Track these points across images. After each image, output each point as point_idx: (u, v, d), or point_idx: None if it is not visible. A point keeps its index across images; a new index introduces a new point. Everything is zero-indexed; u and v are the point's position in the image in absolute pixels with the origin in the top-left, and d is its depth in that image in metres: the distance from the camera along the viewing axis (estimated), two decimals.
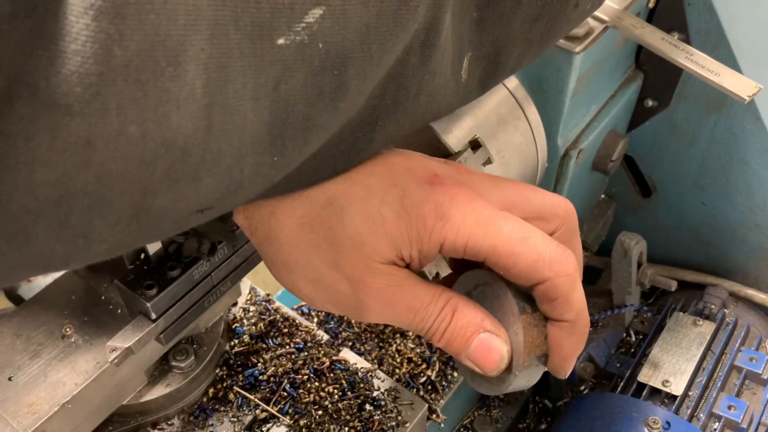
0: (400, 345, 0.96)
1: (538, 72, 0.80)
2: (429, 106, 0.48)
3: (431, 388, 0.95)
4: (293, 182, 0.44)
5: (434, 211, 0.45)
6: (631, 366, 0.92)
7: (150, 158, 0.32)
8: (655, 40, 0.76)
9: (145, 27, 0.30)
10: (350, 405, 0.84)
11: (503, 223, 0.45)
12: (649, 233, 1.09)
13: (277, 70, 0.35)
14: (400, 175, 0.48)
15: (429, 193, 0.46)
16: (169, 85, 0.31)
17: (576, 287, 0.48)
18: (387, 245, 0.46)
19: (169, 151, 0.33)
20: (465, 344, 0.47)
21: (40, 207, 0.31)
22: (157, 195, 0.34)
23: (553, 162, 0.86)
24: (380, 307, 0.47)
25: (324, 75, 0.37)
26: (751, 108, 0.90)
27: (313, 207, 0.47)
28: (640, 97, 0.98)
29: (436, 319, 0.47)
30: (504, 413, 1.13)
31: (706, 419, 0.84)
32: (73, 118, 0.29)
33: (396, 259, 0.46)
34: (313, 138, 0.40)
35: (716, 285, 1.01)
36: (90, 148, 0.30)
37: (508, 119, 0.78)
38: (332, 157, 0.44)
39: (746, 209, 0.98)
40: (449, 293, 0.47)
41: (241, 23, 0.33)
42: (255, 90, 0.35)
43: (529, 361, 0.48)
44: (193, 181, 0.35)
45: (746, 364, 0.89)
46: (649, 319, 1.01)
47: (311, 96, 0.38)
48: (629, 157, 1.06)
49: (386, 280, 0.46)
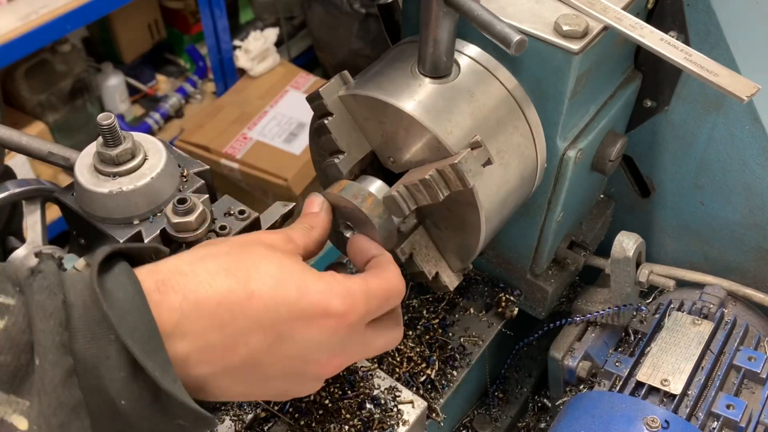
0: (400, 344, 0.96)
1: (537, 73, 0.80)
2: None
3: (431, 387, 0.95)
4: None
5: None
6: (629, 365, 0.92)
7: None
8: (654, 41, 0.76)
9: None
10: (350, 404, 0.84)
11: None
12: (647, 233, 1.09)
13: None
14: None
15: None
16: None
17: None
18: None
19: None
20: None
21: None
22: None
23: (552, 162, 0.86)
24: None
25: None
26: (749, 108, 0.90)
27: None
28: (639, 97, 0.98)
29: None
30: (503, 412, 1.14)
31: (704, 418, 0.84)
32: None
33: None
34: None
35: (715, 284, 1.01)
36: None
37: (507, 120, 0.78)
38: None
39: (745, 209, 0.99)
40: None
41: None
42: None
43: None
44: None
45: (745, 363, 0.90)
46: (648, 319, 1.01)
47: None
48: (628, 157, 1.06)
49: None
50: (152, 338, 0.51)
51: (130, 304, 0.52)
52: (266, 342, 0.57)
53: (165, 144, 0.71)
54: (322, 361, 0.62)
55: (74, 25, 2.30)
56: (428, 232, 0.81)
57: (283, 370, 0.60)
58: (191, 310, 0.54)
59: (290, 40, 3.38)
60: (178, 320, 0.54)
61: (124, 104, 2.99)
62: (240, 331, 0.56)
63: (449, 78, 0.76)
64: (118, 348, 0.50)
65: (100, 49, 3.04)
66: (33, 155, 0.75)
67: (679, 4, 0.88)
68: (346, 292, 0.60)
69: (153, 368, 0.51)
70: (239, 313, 0.56)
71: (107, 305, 0.51)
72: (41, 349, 0.49)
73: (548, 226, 0.95)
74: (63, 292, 0.51)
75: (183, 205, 0.66)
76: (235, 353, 0.56)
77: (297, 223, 0.70)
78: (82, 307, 0.51)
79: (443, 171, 0.68)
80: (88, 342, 0.50)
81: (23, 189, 0.89)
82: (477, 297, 1.06)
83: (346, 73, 0.77)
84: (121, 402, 0.51)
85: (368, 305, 0.62)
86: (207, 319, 0.55)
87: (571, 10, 0.78)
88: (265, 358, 0.58)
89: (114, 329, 0.50)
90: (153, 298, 0.53)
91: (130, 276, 0.53)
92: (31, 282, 0.51)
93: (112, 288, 0.52)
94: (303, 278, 0.59)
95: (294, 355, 0.59)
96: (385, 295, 0.64)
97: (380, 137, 0.76)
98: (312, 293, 0.58)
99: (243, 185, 2.78)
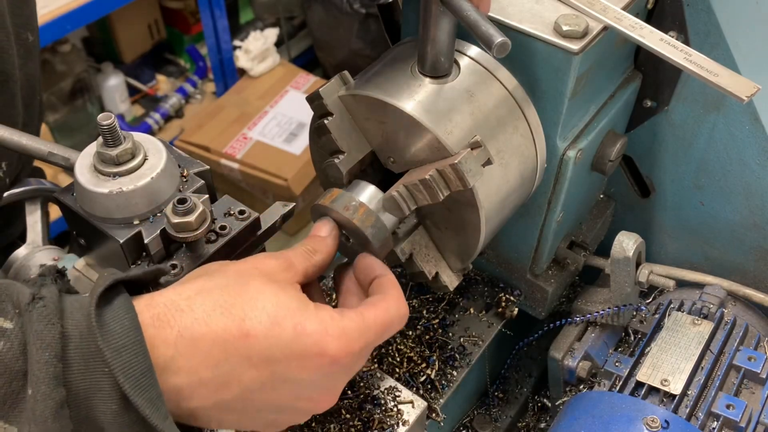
0: (400, 344, 0.96)
1: (537, 73, 0.80)
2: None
3: (431, 387, 0.95)
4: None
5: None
6: (629, 365, 0.92)
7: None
8: (653, 41, 0.76)
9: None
10: (350, 404, 0.84)
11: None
12: (647, 233, 1.09)
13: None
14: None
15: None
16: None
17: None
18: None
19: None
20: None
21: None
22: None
23: (552, 162, 0.86)
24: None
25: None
26: (749, 108, 0.90)
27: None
28: (638, 97, 0.98)
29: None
30: (503, 412, 1.14)
31: (704, 418, 0.84)
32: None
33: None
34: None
35: (715, 284, 1.01)
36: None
37: (507, 120, 0.78)
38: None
39: (745, 209, 0.99)
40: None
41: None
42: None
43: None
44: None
45: (745, 363, 0.90)
46: (648, 319, 1.01)
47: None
48: (628, 157, 1.06)
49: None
50: (146, 374, 0.52)
51: (126, 339, 0.52)
52: (259, 380, 0.58)
53: (165, 144, 0.71)
54: (315, 398, 0.63)
55: (74, 25, 2.30)
56: (428, 232, 0.81)
57: (274, 405, 0.61)
58: (186, 347, 0.55)
59: (290, 40, 3.38)
60: (173, 356, 0.55)
61: (124, 104, 2.99)
62: (234, 370, 0.57)
63: (449, 78, 0.76)
64: (111, 382, 0.51)
65: (100, 49, 3.04)
66: (33, 155, 0.75)
67: (679, 4, 0.88)
68: (341, 332, 0.60)
69: (144, 405, 0.51)
70: (233, 353, 0.56)
71: (103, 339, 0.51)
72: (35, 379, 0.49)
73: (548, 226, 0.95)
74: (61, 322, 0.51)
75: (183, 205, 0.66)
76: (228, 390, 0.57)
77: (301, 245, 0.70)
78: (78, 338, 0.51)
79: (443, 171, 0.69)
80: (82, 374, 0.51)
81: (23, 189, 0.89)
82: (477, 297, 1.06)
83: (346, 73, 0.77)
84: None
85: (366, 341, 0.62)
86: (201, 357, 0.55)
87: (571, 10, 0.78)
88: (258, 395, 0.59)
89: (108, 364, 0.51)
90: (148, 332, 0.54)
91: (129, 310, 0.54)
92: (31, 309, 0.51)
93: (109, 321, 0.53)
94: (299, 317, 0.59)
95: (287, 393, 0.60)
96: (383, 327, 0.64)
97: (380, 137, 0.76)
98: (307, 334, 0.58)
99: (243, 185, 2.78)
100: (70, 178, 0.70)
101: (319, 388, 0.62)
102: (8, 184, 0.89)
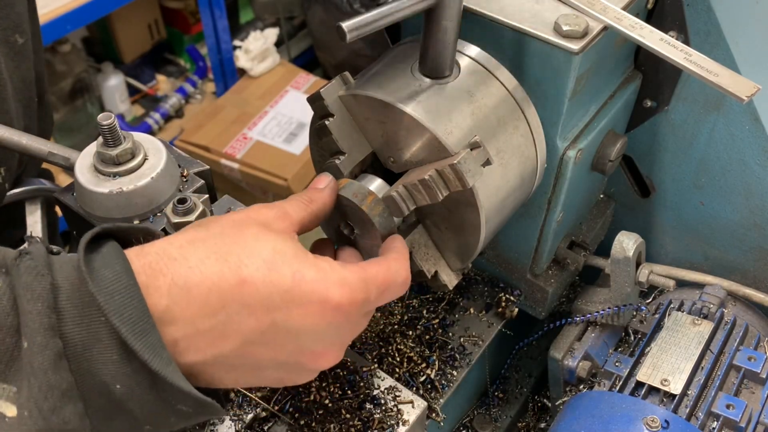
0: (400, 344, 0.96)
1: (537, 73, 0.80)
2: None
3: (431, 387, 0.95)
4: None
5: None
6: (629, 365, 0.92)
7: None
8: (653, 41, 0.76)
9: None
10: (350, 404, 0.84)
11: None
12: (647, 233, 1.09)
13: None
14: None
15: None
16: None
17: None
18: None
19: None
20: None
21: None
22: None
23: (552, 162, 0.86)
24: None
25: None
26: (749, 108, 0.90)
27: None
28: (638, 97, 0.98)
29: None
30: (503, 412, 1.14)
31: (704, 418, 0.84)
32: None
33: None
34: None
35: (715, 284, 1.01)
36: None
37: (507, 120, 0.78)
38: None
39: (745, 209, 0.99)
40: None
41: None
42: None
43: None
44: None
45: (745, 363, 0.90)
46: (648, 319, 1.01)
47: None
48: (628, 157, 1.06)
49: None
50: (142, 318, 0.49)
51: (118, 283, 0.50)
52: (259, 330, 0.55)
53: (165, 144, 0.71)
54: (318, 352, 0.60)
55: (74, 25, 2.30)
56: (428, 231, 0.82)
57: (276, 359, 0.58)
58: (180, 296, 0.52)
59: (290, 40, 3.38)
60: (167, 305, 0.52)
61: (124, 104, 2.99)
62: (232, 318, 0.54)
63: (449, 78, 0.76)
64: (109, 330, 0.49)
65: (100, 49, 3.05)
66: (33, 155, 0.75)
67: (679, 3, 0.88)
68: (342, 281, 0.58)
69: (143, 350, 0.49)
70: (231, 300, 0.53)
71: (94, 285, 0.49)
72: (29, 331, 0.47)
73: (548, 226, 0.95)
74: (51, 274, 0.49)
75: (183, 205, 0.66)
76: (227, 341, 0.54)
77: (297, 195, 0.68)
78: (69, 289, 0.49)
79: (443, 171, 0.69)
80: (77, 325, 0.48)
81: (23, 189, 0.89)
82: (477, 297, 1.06)
83: (347, 74, 0.77)
84: (116, 387, 0.49)
85: (366, 294, 0.60)
86: (197, 306, 0.52)
87: (571, 10, 0.78)
88: (258, 347, 0.56)
89: (102, 310, 0.48)
90: (140, 280, 0.51)
91: (119, 255, 0.52)
92: (18, 263, 0.49)
93: (99, 267, 0.50)
94: (298, 264, 0.56)
95: (288, 344, 0.57)
96: (385, 284, 0.62)
97: (381, 137, 0.76)
98: (307, 281, 0.56)
99: (243, 185, 2.78)
100: (70, 178, 0.70)
101: (323, 339, 0.59)
102: (8, 188, 0.89)
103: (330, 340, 0.60)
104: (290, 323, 0.56)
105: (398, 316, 0.99)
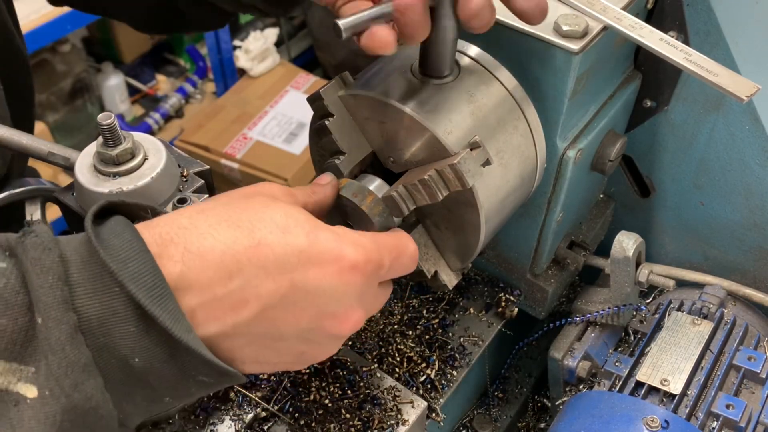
0: (400, 344, 0.96)
1: (536, 72, 0.80)
2: None
3: (431, 386, 0.95)
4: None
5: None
6: (629, 365, 0.92)
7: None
8: (653, 41, 0.76)
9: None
10: (350, 404, 0.84)
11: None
12: (647, 233, 1.09)
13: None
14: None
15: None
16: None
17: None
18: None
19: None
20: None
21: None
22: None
23: (551, 162, 0.86)
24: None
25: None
26: (749, 108, 0.90)
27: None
28: (638, 97, 0.98)
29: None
30: (503, 412, 1.14)
31: (704, 418, 0.84)
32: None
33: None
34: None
35: (715, 284, 1.01)
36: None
37: (507, 120, 0.78)
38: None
39: (745, 209, 0.99)
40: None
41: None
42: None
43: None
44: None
45: (745, 363, 0.90)
46: (648, 319, 1.01)
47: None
48: (628, 157, 1.06)
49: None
50: (158, 285, 0.48)
51: (129, 250, 0.48)
52: (278, 293, 0.53)
53: (165, 144, 0.71)
54: (340, 314, 0.58)
55: (74, 25, 2.30)
56: (428, 231, 0.82)
57: (298, 326, 0.56)
58: (194, 262, 0.50)
59: (290, 40, 3.38)
60: (181, 272, 0.50)
61: (124, 104, 2.99)
62: (249, 282, 0.52)
63: (449, 78, 0.76)
64: (124, 301, 0.47)
65: (100, 49, 3.05)
66: (33, 155, 0.75)
67: (679, 3, 0.89)
68: (355, 241, 0.57)
69: (163, 317, 0.47)
70: (247, 263, 0.51)
71: (106, 253, 0.47)
72: (42, 306, 0.45)
73: (548, 226, 0.95)
74: (59, 248, 0.47)
75: (183, 205, 0.66)
76: (246, 307, 0.52)
77: (301, 186, 0.68)
78: (79, 261, 0.47)
79: (442, 171, 0.69)
80: (90, 297, 0.47)
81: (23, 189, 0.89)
82: (477, 297, 1.06)
83: (347, 74, 0.77)
84: (134, 360, 0.48)
85: (381, 257, 0.59)
86: (212, 271, 0.50)
87: (570, 10, 0.78)
88: (278, 312, 0.54)
89: (116, 278, 0.47)
90: (151, 249, 0.49)
91: (127, 225, 0.50)
92: (23, 240, 0.47)
93: (108, 237, 0.49)
94: (310, 226, 0.55)
95: (309, 307, 0.55)
96: (397, 251, 0.61)
97: (380, 137, 0.76)
98: (320, 241, 0.55)
99: (243, 185, 2.78)
100: (70, 178, 0.70)
101: (342, 300, 0.57)
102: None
103: (349, 301, 0.58)
104: (308, 284, 0.54)
105: (398, 316, 0.99)
